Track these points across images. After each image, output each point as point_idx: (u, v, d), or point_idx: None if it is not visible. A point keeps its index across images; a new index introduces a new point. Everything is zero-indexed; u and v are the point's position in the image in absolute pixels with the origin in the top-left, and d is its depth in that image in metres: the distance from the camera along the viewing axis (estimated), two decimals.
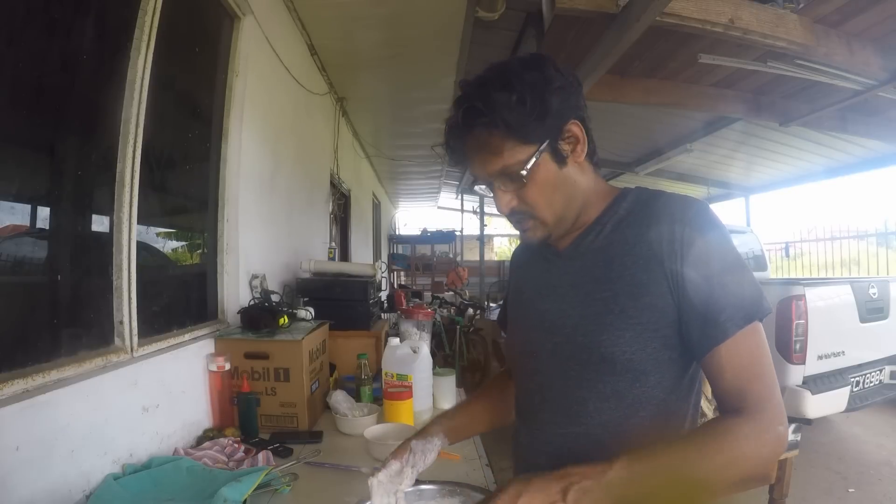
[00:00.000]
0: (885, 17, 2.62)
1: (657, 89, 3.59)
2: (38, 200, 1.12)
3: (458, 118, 0.74)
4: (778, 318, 3.35)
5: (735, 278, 0.69)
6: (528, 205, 0.75)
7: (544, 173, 0.73)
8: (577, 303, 0.77)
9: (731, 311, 0.67)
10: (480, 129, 0.72)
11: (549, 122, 0.71)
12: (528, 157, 0.71)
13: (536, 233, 0.78)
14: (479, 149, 0.74)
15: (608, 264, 0.75)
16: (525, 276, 0.91)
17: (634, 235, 0.74)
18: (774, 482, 2.12)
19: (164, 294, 1.59)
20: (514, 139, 0.71)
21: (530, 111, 0.69)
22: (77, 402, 1.03)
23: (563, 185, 0.75)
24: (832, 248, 7.55)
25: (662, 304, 0.70)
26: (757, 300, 0.68)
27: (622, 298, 0.72)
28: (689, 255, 0.69)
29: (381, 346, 2.14)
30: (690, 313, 0.69)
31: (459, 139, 0.75)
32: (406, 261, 11.20)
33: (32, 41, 1.05)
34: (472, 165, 0.76)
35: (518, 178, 0.73)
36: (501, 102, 0.69)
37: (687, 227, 0.70)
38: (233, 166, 1.94)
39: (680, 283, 0.69)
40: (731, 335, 0.66)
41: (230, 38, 2.01)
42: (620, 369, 0.72)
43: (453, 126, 0.75)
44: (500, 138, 0.71)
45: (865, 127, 4.20)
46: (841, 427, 4.07)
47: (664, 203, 0.74)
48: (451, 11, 2.78)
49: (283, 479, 1.20)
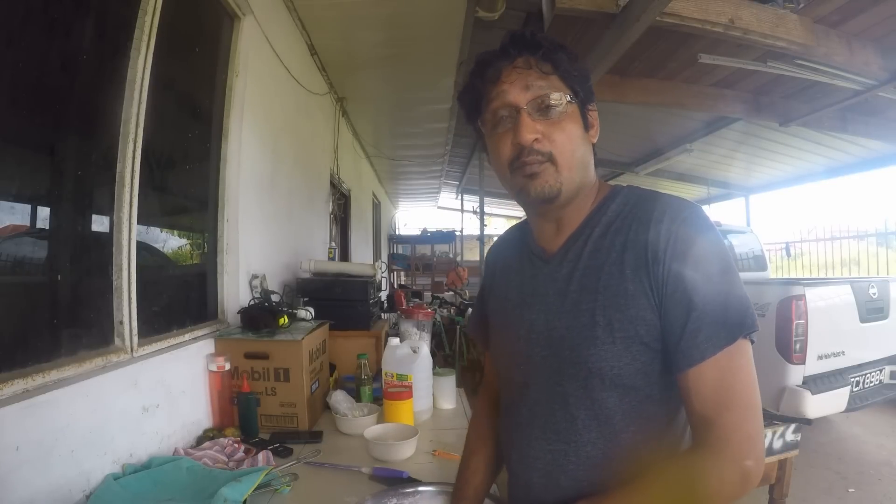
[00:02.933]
0: (885, 17, 2.63)
1: (657, 89, 3.60)
2: (38, 200, 1.12)
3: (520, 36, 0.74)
4: (778, 318, 3.35)
5: (720, 291, 0.64)
6: (552, 143, 0.71)
7: (574, 123, 0.73)
8: (564, 313, 0.73)
9: (711, 330, 0.63)
10: (536, 55, 0.72)
11: (586, 87, 0.76)
12: (570, 96, 0.73)
13: (548, 180, 0.71)
14: (527, 68, 0.72)
15: (596, 273, 0.71)
16: (509, 281, 0.86)
17: (622, 243, 0.70)
18: (774, 482, 2.12)
19: (164, 294, 1.59)
20: (560, 77, 0.73)
21: (579, 68, 0.75)
22: (77, 402, 1.03)
23: (583, 148, 0.75)
24: (832, 248, 7.55)
25: (650, 316, 0.67)
26: (741, 317, 0.64)
27: (609, 311, 0.69)
28: (673, 265, 0.65)
29: (381, 346, 2.15)
30: (670, 327, 0.66)
31: (506, 57, 0.74)
32: (406, 261, 11.19)
33: (32, 41, 1.05)
34: (509, 85, 0.72)
35: (554, 109, 0.71)
36: (561, 48, 0.74)
37: (673, 235, 0.66)
38: (233, 166, 1.95)
39: (662, 293, 0.66)
40: (709, 356, 0.63)
41: (230, 38, 2.01)
42: (609, 384, 0.69)
43: (510, 43, 0.74)
44: (550, 68, 0.72)
45: (865, 127, 4.21)
46: (841, 427, 4.07)
47: (653, 207, 0.71)
48: (451, 11, 2.78)
49: (283, 479, 1.20)
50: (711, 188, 7.65)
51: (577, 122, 0.74)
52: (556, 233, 0.79)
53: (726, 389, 0.63)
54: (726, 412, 0.62)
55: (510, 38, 0.74)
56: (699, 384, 0.64)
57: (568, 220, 0.77)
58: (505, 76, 0.73)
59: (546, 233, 0.80)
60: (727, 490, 0.61)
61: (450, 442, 1.51)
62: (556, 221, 0.78)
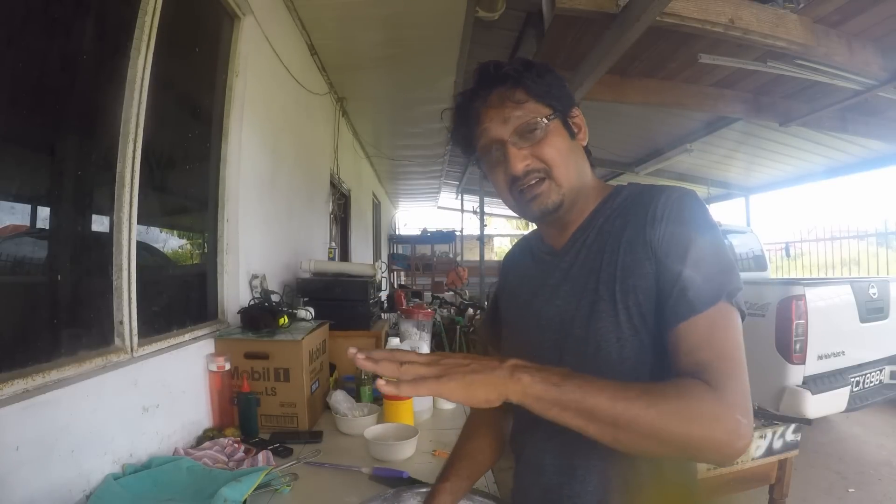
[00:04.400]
0: (885, 17, 2.62)
1: (657, 89, 3.60)
2: (38, 200, 1.12)
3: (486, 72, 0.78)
4: (778, 318, 3.35)
5: (710, 258, 0.67)
6: (544, 161, 0.76)
7: (559, 136, 0.77)
8: (573, 296, 0.77)
9: (697, 290, 0.65)
10: (505, 86, 0.76)
11: (562, 97, 0.78)
12: (547, 115, 0.76)
13: (551, 196, 0.76)
14: (501, 104, 0.76)
15: (598, 254, 0.76)
16: (521, 280, 0.91)
17: (623, 224, 0.75)
18: (774, 482, 2.12)
19: (164, 294, 1.59)
20: (534, 100, 0.76)
21: (549, 83, 0.77)
22: (77, 402, 1.03)
23: (574, 155, 0.79)
24: (832, 248, 7.56)
25: (645, 285, 0.70)
26: (727, 277, 0.66)
27: (611, 283, 0.72)
28: (668, 234, 0.69)
29: (381, 346, 2.15)
30: (663, 287, 0.68)
31: (479, 98, 0.79)
32: (406, 261, 11.19)
33: (32, 41, 1.05)
34: (489, 123, 0.77)
35: (535, 130, 0.75)
36: (526, 70, 0.76)
37: (669, 208, 0.71)
38: (233, 166, 1.95)
39: (656, 256, 0.69)
40: (697, 313, 0.64)
41: (230, 38, 2.01)
42: (616, 358, 0.71)
43: (478, 83, 0.79)
44: (522, 94, 0.76)
45: (865, 127, 4.20)
46: (841, 427, 4.07)
47: (652, 192, 0.76)
48: (451, 11, 2.78)
49: (283, 479, 1.20)
50: (711, 188, 7.65)
51: (562, 134, 0.78)
52: (562, 232, 0.83)
53: (718, 341, 0.63)
54: (718, 361, 0.61)
55: (478, 77, 0.80)
56: (690, 336, 0.64)
57: (573, 219, 0.82)
58: (483, 115, 0.78)
59: (553, 234, 0.85)
60: (718, 432, 0.56)
61: (450, 442, 1.50)
62: (562, 224, 0.82)
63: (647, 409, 0.56)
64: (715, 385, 0.59)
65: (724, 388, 0.58)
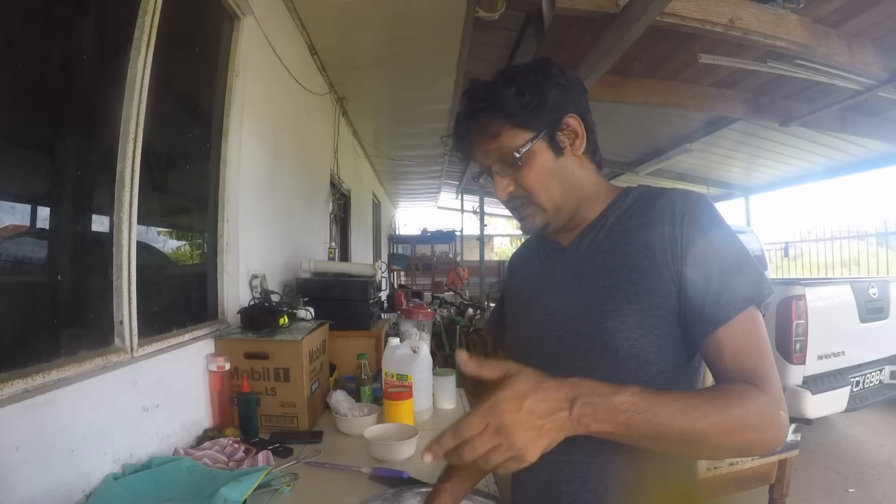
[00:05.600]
0: (885, 17, 2.62)
1: (657, 89, 3.60)
2: (38, 200, 1.12)
3: (462, 107, 0.80)
4: (778, 318, 3.35)
5: (736, 263, 0.69)
6: (525, 189, 0.78)
7: (541, 160, 0.77)
8: (581, 293, 0.77)
9: (730, 295, 0.67)
10: (481, 117, 0.77)
11: (545, 113, 0.76)
12: (525, 142, 0.75)
13: (536, 219, 0.80)
14: (480, 135, 0.78)
15: (611, 253, 0.76)
16: (526, 277, 0.91)
17: (637, 225, 0.75)
18: (774, 482, 2.12)
19: (164, 294, 1.59)
20: (511, 126, 0.76)
21: (527, 102, 0.75)
22: (77, 402, 1.03)
23: (560, 174, 0.78)
24: (832, 248, 7.56)
25: (663, 289, 0.70)
26: (757, 284, 0.68)
27: (624, 284, 0.72)
28: (691, 240, 0.70)
29: (381, 346, 2.15)
30: (691, 297, 0.69)
31: (464, 127, 0.81)
32: (406, 261, 11.19)
33: (32, 41, 1.05)
34: (475, 153, 0.81)
35: (514, 162, 0.76)
36: (501, 94, 0.75)
37: (688, 213, 0.71)
38: (233, 166, 1.94)
39: (681, 268, 0.69)
40: (733, 317, 0.66)
41: (230, 39, 2.01)
42: (624, 356, 0.71)
43: (459, 115, 0.81)
44: (498, 125, 0.76)
45: (865, 127, 4.20)
46: (841, 427, 4.07)
47: (667, 195, 0.76)
48: (451, 11, 2.78)
49: (283, 479, 1.20)
50: (711, 188, 7.65)
51: (545, 155, 0.77)
52: (569, 231, 0.84)
53: (756, 342, 0.66)
54: (760, 362, 0.65)
55: (461, 103, 0.81)
56: (731, 341, 0.66)
57: (581, 218, 0.82)
58: (472, 137, 0.81)
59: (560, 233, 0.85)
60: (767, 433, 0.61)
61: None
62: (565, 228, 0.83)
63: (716, 424, 0.60)
64: (762, 387, 0.63)
65: (769, 388, 0.63)
